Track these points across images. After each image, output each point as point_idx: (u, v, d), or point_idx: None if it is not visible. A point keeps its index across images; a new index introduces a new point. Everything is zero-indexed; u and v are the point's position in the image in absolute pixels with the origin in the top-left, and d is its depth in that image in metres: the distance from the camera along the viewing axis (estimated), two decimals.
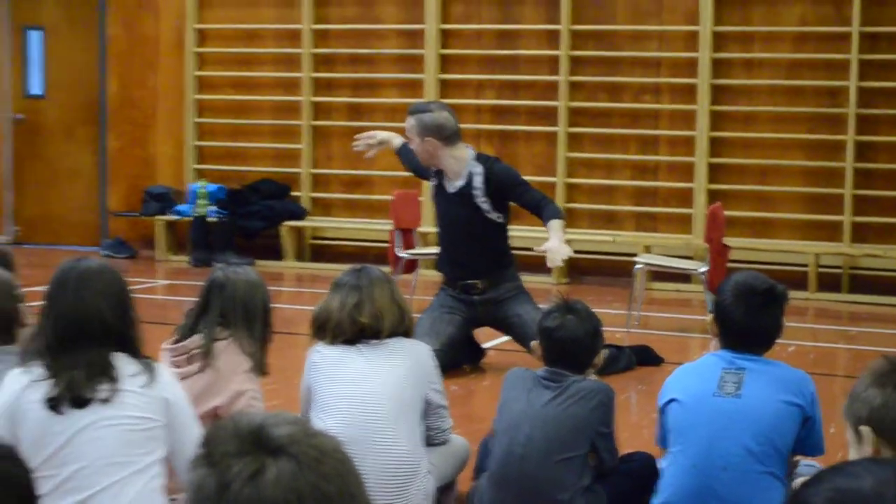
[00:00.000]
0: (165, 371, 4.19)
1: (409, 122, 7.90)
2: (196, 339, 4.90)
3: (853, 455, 3.43)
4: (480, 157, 7.92)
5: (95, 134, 14.16)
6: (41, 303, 4.17)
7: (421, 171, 8.38)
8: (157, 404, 4.07)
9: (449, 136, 7.84)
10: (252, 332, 4.95)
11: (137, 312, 4.26)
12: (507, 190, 7.85)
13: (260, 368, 4.95)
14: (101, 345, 4.07)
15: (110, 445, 4.00)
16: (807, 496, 1.48)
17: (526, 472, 4.79)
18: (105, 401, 4.00)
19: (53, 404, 4.00)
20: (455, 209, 7.91)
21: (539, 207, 7.80)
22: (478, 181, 7.78)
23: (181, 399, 4.16)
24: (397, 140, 8.59)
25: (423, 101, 8.08)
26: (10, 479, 2.32)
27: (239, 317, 4.93)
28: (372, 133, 8.69)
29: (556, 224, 7.62)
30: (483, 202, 7.79)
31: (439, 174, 7.99)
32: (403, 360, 5.04)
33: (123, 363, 4.07)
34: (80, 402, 4.00)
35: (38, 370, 4.05)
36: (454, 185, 7.88)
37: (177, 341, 4.95)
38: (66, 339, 4.06)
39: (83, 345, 4.06)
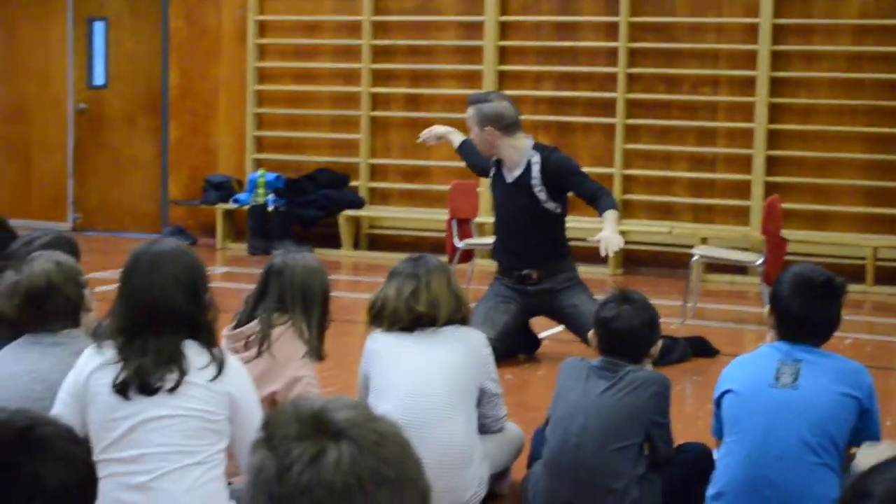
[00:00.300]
0: (233, 363, 4.18)
1: (469, 112, 7.90)
2: (253, 325, 4.92)
3: None
4: (539, 147, 7.92)
5: (157, 124, 14.25)
6: (107, 287, 4.19)
7: (479, 168, 8.38)
8: (222, 399, 4.08)
9: (508, 126, 7.83)
10: (310, 318, 4.96)
11: (213, 298, 4.26)
12: (564, 179, 7.83)
13: (317, 354, 4.96)
14: (172, 331, 4.07)
15: (174, 435, 4.03)
16: (867, 484, 1.47)
17: (580, 460, 4.79)
18: (172, 391, 4.02)
19: (121, 389, 4.03)
20: (512, 199, 7.90)
21: (595, 198, 7.77)
22: (535, 170, 7.78)
23: (246, 392, 4.16)
24: (457, 137, 8.57)
25: (483, 91, 8.05)
26: (69, 459, 2.34)
27: (296, 302, 4.95)
28: (432, 128, 8.68)
29: (611, 215, 7.59)
30: (540, 191, 7.77)
31: (498, 164, 7.99)
32: (459, 349, 5.05)
33: (193, 353, 4.07)
34: (148, 390, 4.02)
35: (109, 352, 4.08)
36: (512, 175, 7.87)
37: (235, 327, 4.98)
38: (137, 323, 4.08)
39: (154, 330, 4.06)
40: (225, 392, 4.07)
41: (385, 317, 5.14)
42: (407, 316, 5.08)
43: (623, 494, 4.78)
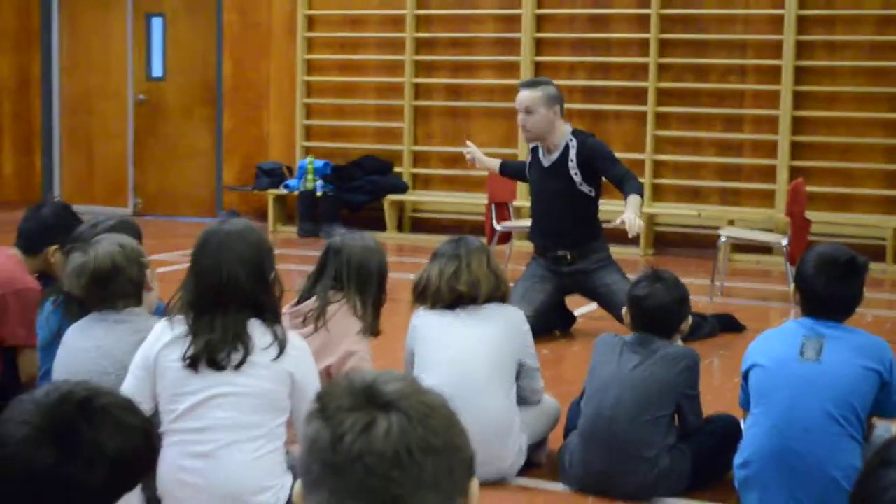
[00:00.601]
0: (296, 342, 4.18)
1: (535, 94, 7.82)
2: (311, 302, 4.95)
3: None
4: (576, 133, 7.90)
5: (211, 114, 14.31)
6: (166, 268, 4.21)
7: (522, 175, 8.39)
8: (283, 377, 4.10)
9: (562, 109, 7.87)
10: (365, 296, 4.97)
11: (279, 278, 4.26)
12: (596, 161, 7.80)
13: (371, 330, 4.98)
14: (238, 310, 4.08)
15: (237, 410, 4.06)
16: (892, 452, 1.47)
17: (614, 431, 4.80)
18: (237, 367, 4.05)
19: (191, 363, 4.06)
20: (549, 182, 7.89)
21: (622, 181, 7.72)
22: (572, 154, 7.77)
23: (306, 370, 4.16)
24: (496, 163, 8.60)
25: (531, 78, 7.99)
26: (128, 427, 2.37)
27: (352, 280, 4.96)
28: (476, 153, 8.57)
29: (633, 199, 7.50)
30: (575, 174, 7.76)
31: (535, 150, 7.99)
32: (499, 325, 5.06)
33: (258, 333, 4.09)
34: (216, 365, 4.05)
35: (179, 328, 4.11)
36: (549, 159, 7.86)
37: (297, 304, 5.00)
38: (205, 299, 4.09)
39: (221, 308, 4.08)
40: (286, 371, 4.09)
41: (428, 296, 5.16)
42: (448, 295, 5.09)
43: (654, 463, 4.79)
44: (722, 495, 4.88)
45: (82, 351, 4.54)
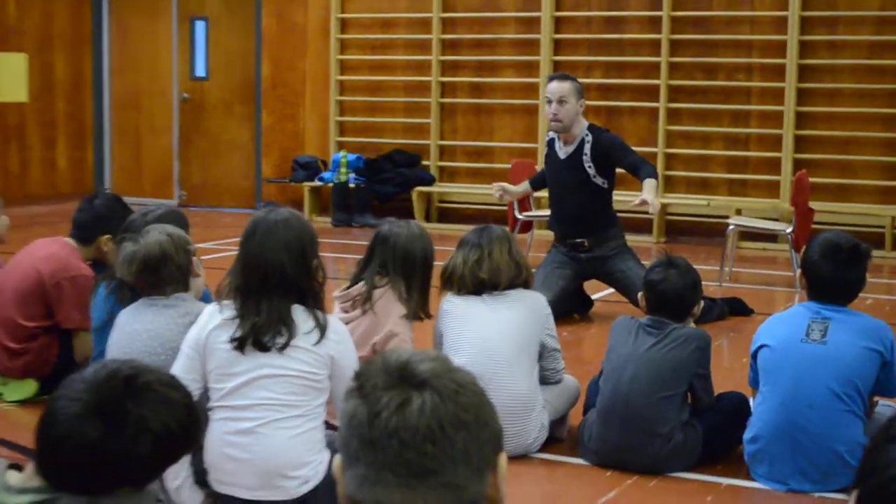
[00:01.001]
0: (336, 326, 4.16)
1: (565, 86, 7.76)
2: (359, 287, 4.95)
3: None
4: (592, 128, 7.87)
5: (251, 111, 14.33)
6: (209, 256, 4.20)
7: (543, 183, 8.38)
8: (324, 360, 4.09)
9: (583, 105, 7.85)
10: (410, 281, 4.97)
11: (323, 265, 4.25)
12: (611, 153, 7.77)
13: (415, 314, 4.98)
14: (282, 295, 4.07)
15: (280, 391, 4.06)
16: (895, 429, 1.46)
17: (631, 408, 4.79)
18: (281, 350, 4.05)
19: (238, 345, 4.07)
20: (564, 173, 7.87)
21: (637, 168, 7.68)
22: (587, 148, 7.74)
23: (346, 352, 4.14)
24: (525, 185, 8.60)
25: (555, 73, 7.98)
26: (171, 402, 2.37)
27: (397, 267, 4.96)
28: (504, 188, 8.52)
29: (650, 182, 7.48)
30: (589, 167, 7.74)
31: (551, 142, 7.97)
32: (522, 309, 5.06)
33: (301, 318, 4.07)
34: (262, 346, 4.05)
35: (228, 311, 4.12)
36: (566, 151, 7.84)
37: (346, 289, 5.01)
38: (251, 284, 4.08)
39: (266, 293, 4.07)
40: (327, 355, 4.08)
41: (454, 282, 5.16)
42: (472, 281, 5.09)
43: (668, 438, 4.78)
44: (732, 468, 4.87)
45: (134, 333, 4.56)
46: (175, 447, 2.38)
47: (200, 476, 4.26)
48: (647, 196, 7.33)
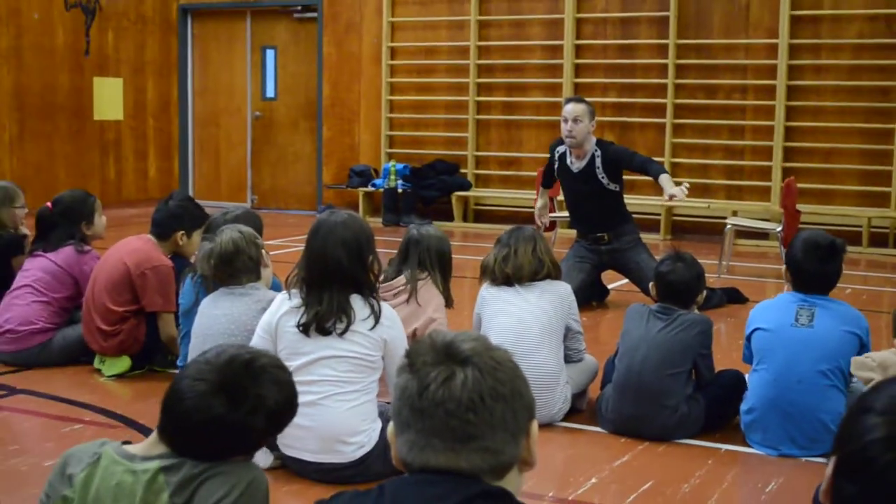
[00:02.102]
0: (388, 313, 4.16)
1: (580, 107, 7.63)
2: (401, 280, 4.95)
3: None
4: (600, 143, 7.77)
5: (314, 126, 14.36)
6: (277, 252, 4.21)
7: (550, 179, 8.21)
8: (378, 343, 4.10)
9: (595, 125, 7.76)
10: (443, 275, 4.99)
11: (379, 260, 4.24)
12: (620, 161, 7.66)
13: (448, 301, 5.00)
14: (341, 286, 4.08)
15: (340, 370, 4.07)
16: (870, 400, 1.44)
17: (642, 383, 4.77)
18: (341, 335, 4.05)
19: (304, 329, 4.08)
20: (579, 184, 7.78)
21: (645, 168, 7.55)
22: (598, 162, 7.67)
23: (397, 335, 4.15)
24: (545, 196, 8.37)
25: (572, 96, 7.83)
26: (281, 382, 2.42)
27: (434, 262, 4.98)
28: (542, 213, 8.32)
29: (664, 177, 7.39)
30: (602, 177, 7.68)
31: (562, 157, 7.84)
32: (550, 297, 5.04)
33: (359, 306, 4.08)
34: (324, 331, 4.06)
35: (295, 300, 4.13)
36: (579, 165, 7.74)
37: (383, 281, 5.01)
38: (315, 277, 4.10)
39: (328, 284, 4.08)
40: (381, 338, 4.09)
41: (488, 274, 5.17)
42: (500, 275, 5.10)
43: (675, 409, 4.75)
44: (730, 436, 4.84)
45: (214, 318, 4.58)
46: (284, 419, 2.43)
47: (270, 441, 4.28)
48: (671, 190, 7.22)
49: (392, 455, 1.82)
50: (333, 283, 4.06)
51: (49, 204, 6.19)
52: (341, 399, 4.06)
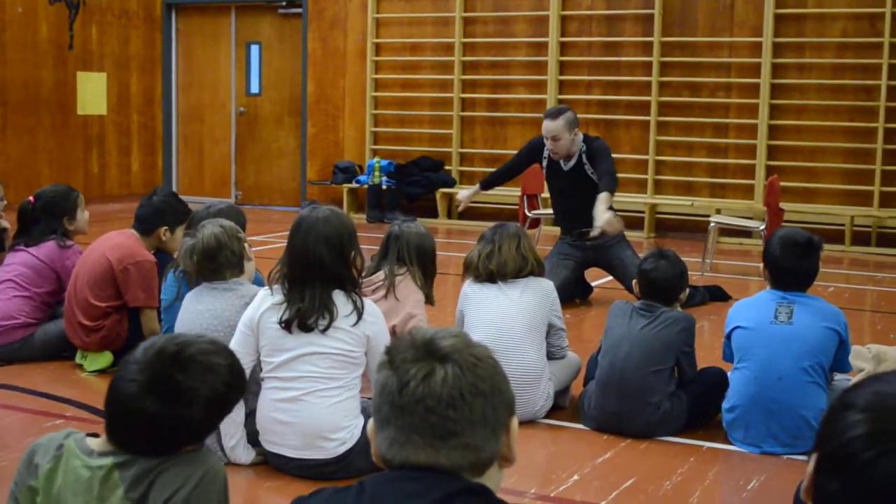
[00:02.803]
0: (371, 309, 4.15)
1: (558, 124, 7.48)
2: (380, 275, 4.94)
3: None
4: (585, 139, 7.72)
5: (298, 122, 14.33)
6: (261, 248, 4.18)
7: (512, 174, 8.20)
8: (361, 339, 4.08)
9: (577, 125, 7.69)
10: (423, 271, 4.98)
11: (361, 256, 4.23)
12: (595, 157, 7.64)
13: (429, 299, 4.98)
14: (323, 282, 4.06)
15: (322, 366, 4.06)
16: (851, 397, 1.44)
17: (625, 380, 4.76)
18: (323, 331, 4.04)
19: (286, 325, 4.06)
20: (569, 182, 7.74)
21: (600, 178, 7.50)
22: (584, 158, 7.67)
23: (380, 332, 4.14)
24: (475, 188, 8.36)
25: (552, 107, 7.65)
26: (215, 368, 2.34)
27: (413, 258, 4.97)
28: (461, 197, 8.32)
29: (602, 196, 7.25)
30: (592, 173, 7.66)
31: (550, 157, 7.80)
32: (532, 294, 5.03)
33: (341, 302, 4.06)
34: (306, 328, 4.04)
35: (278, 296, 4.11)
36: (568, 164, 7.71)
37: (365, 277, 4.99)
38: (296, 273, 4.08)
39: (310, 280, 4.06)
40: (364, 334, 4.07)
41: (471, 271, 5.16)
42: (483, 271, 5.09)
43: (658, 406, 4.75)
44: (712, 433, 4.84)
45: (197, 313, 4.56)
46: (224, 404, 2.38)
47: (252, 437, 4.27)
48: (600, 218, 7.11)
49: (372, 452, 1.82)
50: (315, 280, 4.05)
51: (31, 198, 6.16)
52: (323, 395, 4.05)
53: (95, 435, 2.43)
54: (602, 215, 7.13)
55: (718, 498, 4.23)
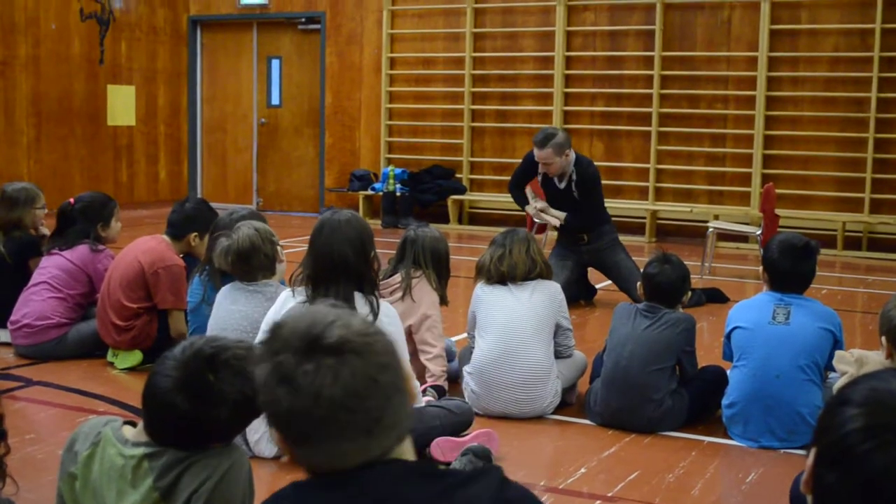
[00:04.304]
0: (387, 309, 4.15)
1: (546, 153, 7.45)
2: (396, 278, 4.95)
3: (881, 352, 3.44)
4: (577, 162, 7.66)
5: (316, 132, 14.35)
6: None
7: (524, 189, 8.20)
8: None
9: (570, 144, 7.66)
10: (438, 273, 4.99)
11: (379, 257, 4.23)
12: (583, 185, 7.63)
13: (443, 300, 4.99)
14: (346, 281, 4.06)
15: None
16: (849, 393, 1.44)
17: (629, 378, 4.76)
18: None
19: None
20: (563, 198, 7.74)
21: (581, 208, 7.65)
22: (574, 186, 7.66)
23: (395, 332, 4.12)
24: (539, 203, 8.15)
25: (541, 131, 7.63)
26: (247, 374, 2.30)
27: (428, 261, 4.97)
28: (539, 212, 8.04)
29: (564, 214, 7.66)
30: (579, 194, 7.65)
31: (545, 174, 7.79)
32: (541, 296, 5.04)
33: (360, 304, 4.06)
34: None
35: (300, 296, 4.11)
36: (562, 184, 7.72)
37: (382, 279, 5.00)
38: (320, 273, 4.08)
39: (333, 280, 4.06)
40: None
41: (483, 273, 5.16)
42: (495, 273, 5.09)
43: (660, 403, 4.75)
44: (712, 429, 4.84)
45: (229, 313, 4.57)
46: (251, 409, 2.39)
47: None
48: (550, 212, 7.63)
49: (285, 454, 1.69)
50: (340, 279, 4.05)
51: (72, 200, 6.19)
52: None
53: (133, 424, 2.44)
54: (547, 213, 7.60)
55: (719, 490, 4.23)
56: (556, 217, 7.66)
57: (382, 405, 1.61)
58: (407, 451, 1.68)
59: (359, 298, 4.07)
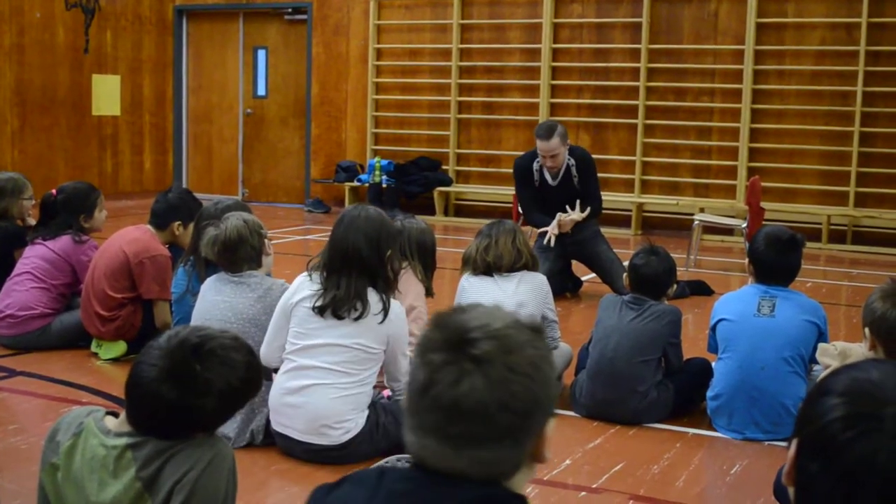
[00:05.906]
0: (395, 309, 4.15)
1: (554, 142, 7.47)
2: None
3: (864, 344, 3.46)
4: (572, 151, 7.73)
5: (302, 123, 14.32)
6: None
7: (538, 205, 8.00)
8: (383, 337, 4.10)
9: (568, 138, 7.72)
10: (423, 264, 4.99)
11: (398, 259, 4.23)
12: (582, 172, 7.66)
13: (428, 291, 4.99)
14: (359, 275, 4.07)
15: (341, 357, 4.07)
16: (830, 384, 1.45)
17: (615, 369, 4.77)
18: (355, 320, 4.06)
19: (319, 311, 4.07)
20: (558, 193, 7.72)
21: (587, 198, 7.64)
22: (573, 171, 7.67)
23: (401, 330, 4.16)
24: (576, 213, 7.95)
25: (541, 125, 7.59)
26: (232, 363, 2.36)
27: (413, 253, 4.96)
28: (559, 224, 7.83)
29: (576, 211, 7.56)
30: (578, 182, 7.66)
31: (540, 173, 7.77)
32: (526, 287, 5.05)
33: (373, 300, 4.08)
34: (338, 315, 4.06)
35: (315, 284, 4.13)
36: (557, 178, 7.73)
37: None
38: (335, 263, 4.10)
39: (347, 272, 4.07)
40: (387, 333, 4.09)
41: (469, 264, 5.17)
42: (481, 264, 5.11)
43: (645, 395, 4.76)
44: (697, 420, 4.85)
45: (214, 303, 4.56)
46: (237, 399, 2.39)
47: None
48: (563, 216, 7.51)
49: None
50: (352, 270, 4.07)
51: (54, 191, 6.16)
52: (334, 387, 4.06)
53: (115, 414, 2.44)
54: (565, 218, 7.44)
55: (703, 481, 4.24)
56: (576, 215, 7.54)
57: (482, 440, 1.56)
58: (516, 482, 1.63)
59: (373, 294, 4.09)
